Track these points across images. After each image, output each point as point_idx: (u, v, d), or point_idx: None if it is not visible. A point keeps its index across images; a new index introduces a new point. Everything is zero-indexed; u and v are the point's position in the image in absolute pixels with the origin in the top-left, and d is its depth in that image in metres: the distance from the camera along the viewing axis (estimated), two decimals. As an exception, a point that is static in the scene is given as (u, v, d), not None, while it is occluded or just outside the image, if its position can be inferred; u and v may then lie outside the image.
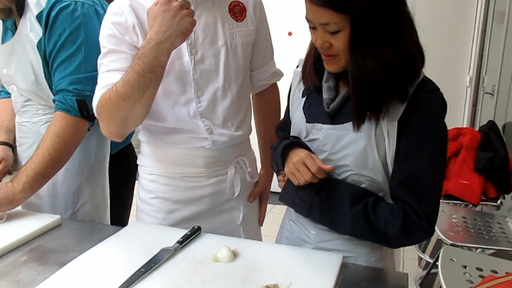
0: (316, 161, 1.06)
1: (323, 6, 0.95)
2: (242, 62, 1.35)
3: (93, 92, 1.28)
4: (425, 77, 1.03)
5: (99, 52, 1.27)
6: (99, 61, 1.24)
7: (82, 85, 1.33)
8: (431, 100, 1.01)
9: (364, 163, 1.04)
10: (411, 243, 1.08)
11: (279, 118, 1.49)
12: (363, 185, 1.07)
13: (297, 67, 1.22)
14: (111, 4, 1.26)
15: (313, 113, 1.13)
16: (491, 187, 2.42)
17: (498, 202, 2.40)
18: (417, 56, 1.00)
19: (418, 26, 1.01)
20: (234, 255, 1.11)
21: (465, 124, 3.67)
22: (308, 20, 1.02)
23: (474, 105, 3.69)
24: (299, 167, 1.06)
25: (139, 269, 1.04)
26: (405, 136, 1.01)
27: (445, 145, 1.06)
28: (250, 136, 1.49)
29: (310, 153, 1.07)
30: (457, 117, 3.70)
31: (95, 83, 1.28)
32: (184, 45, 1.25)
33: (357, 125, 1.02)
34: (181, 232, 1.20)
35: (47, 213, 1.39)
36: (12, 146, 1.55)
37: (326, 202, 1.09)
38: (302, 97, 1.18)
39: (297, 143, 1.12)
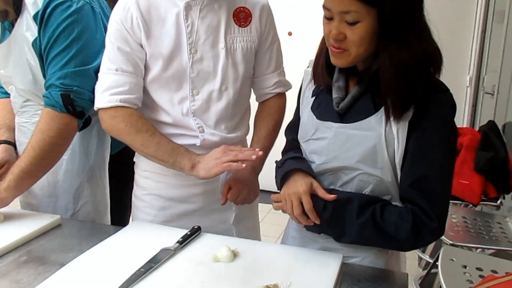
0: (318, 192, 1.05)
1: None
2: (242, 68, 1.35)
3: (80, 87, 1.31)
4: (434, 78, 1.03)
5: (92, 48, 1.30)
6: (105, 56, 1.29)
7: (69, 79, 1.32)
8: (443, 101, 1.01)
9: (373, 162, 1.03)
10: (422, 245, 1.07)
11: (277, 131, 1.46)
12: (370, 186, 1.06)
13: (308, 67, 1.22)
14: None
15: (322, 112, 1.13)
16: (491, 187, 2.42)
17: (498, 202, 2.40)
18: (437, 54, 1.01)
19: None
20: (234, 255, 1.11)
21: (465, 124, 3.67)
22: (326, 8, 1.00)
23: (474, 105, 3.69)
24: (293, 200, 1.06)
25: (139, 269, 1.04)
26: (414, 137, 1.01)
27: (455, 145, 1.06)
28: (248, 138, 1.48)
29: (310, 188, 1.06)
30: (457, 117, 3.68)
31: (84, 77, 1.31)
32: (184, 44, 1.27)
33: (399, 116, 0.99)
34: (181, 232, 1.20)
35: (47, 213, 1.39)
36: (15, 145, 1.53)
37: (334, 218, 1.07)
38: (312, 97, 1.18)
39: (300, 168, 1.10)
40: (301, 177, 1.09)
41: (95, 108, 1.31)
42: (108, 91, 1.27)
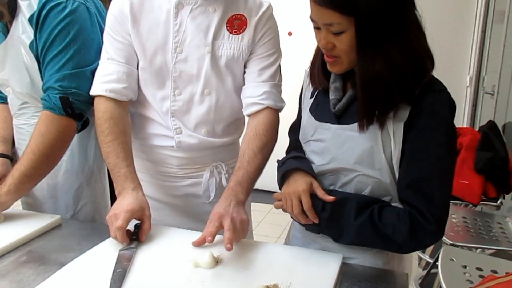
0: (317, 192, 1.06)
1: (327, 6, 0.94)
2: (228, 75, 1.32)
3: (78, 89, 1.32)
4: (432, 76, 1.02)
5: (89, 49, 1.31)
6: (103, 46, 1.32)
7: (67, 82, 1.32)
8: (438, 100, 1.00)
9: (371, 163, 1.03)
10: (421, 247, 1.05)
11: (266, 154, 1.30)
12: (369, 187, 1.06)
13: (309, 67, 1.21)
14: None
15: (320, 113, 1.13)
16: (491, 187, 2.42)
17: (498, 202, 2.40)
18: (425, 57, 0.99)
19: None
20: (216, 262, 1.06)
21: (465, 124, 3.67)
22: (312, 20, 1.01)
23: (474, 105, 3.69)
24: (293, 199, 1.07)
25: (140, 269, 1.04)
26: (411, 137, 1.00)
27: (454, 145, 1.04)
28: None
29: (309, 188, 1.06)
30: (457, 117, 3.67)
31: (81, 79, 1.32)
32: (170, 41, 1.27)
33: (366, 125, 1.01)
34: (180, 232, 1.20)
35: (48, 214, 1.39)
36: (11, 158, 1.50)
37: (332, 218, 1.06)
38: (310, 98, 1.18)
39: (300, 168, 1.11)
40: (301, 176, 1.09)
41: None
42: (98, 78, 1.30)
